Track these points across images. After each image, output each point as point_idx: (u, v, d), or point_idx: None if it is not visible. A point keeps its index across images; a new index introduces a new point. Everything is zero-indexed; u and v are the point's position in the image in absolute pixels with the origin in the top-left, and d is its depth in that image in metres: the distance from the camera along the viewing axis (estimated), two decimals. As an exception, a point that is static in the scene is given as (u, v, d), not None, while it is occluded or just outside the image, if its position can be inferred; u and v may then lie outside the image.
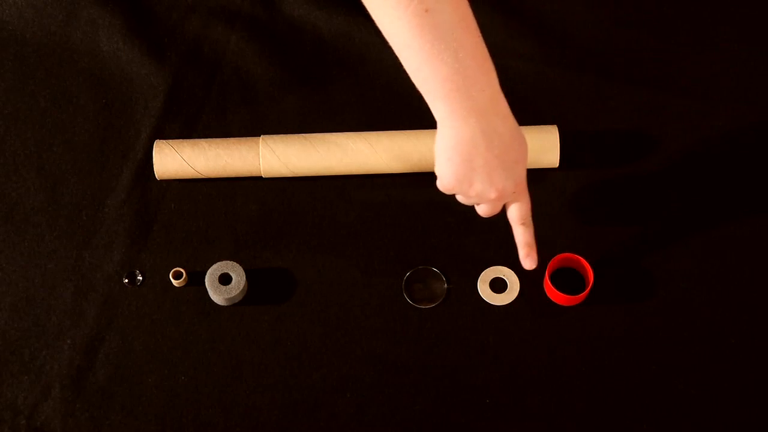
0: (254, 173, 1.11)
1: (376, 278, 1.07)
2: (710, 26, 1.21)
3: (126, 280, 1.07)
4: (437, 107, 0.91)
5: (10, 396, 1.02)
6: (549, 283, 1.05)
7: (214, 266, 1.06)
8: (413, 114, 1.10)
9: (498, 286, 1.07)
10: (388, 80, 1.17)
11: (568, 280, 1.07)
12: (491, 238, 1.08)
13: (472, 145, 0.91)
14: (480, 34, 0.89)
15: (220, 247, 1.09)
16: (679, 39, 1.21)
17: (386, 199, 1.11)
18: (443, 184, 0.96)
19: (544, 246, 1.07)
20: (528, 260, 1.02)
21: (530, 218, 1.01)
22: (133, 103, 1.17)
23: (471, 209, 1.03)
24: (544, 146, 1.10)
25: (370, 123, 1.15)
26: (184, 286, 1.07)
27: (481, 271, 1.07)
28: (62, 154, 1.14)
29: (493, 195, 0.95)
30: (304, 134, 1.11)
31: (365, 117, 1.16)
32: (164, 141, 1.11)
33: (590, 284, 1.04)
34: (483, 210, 1.00)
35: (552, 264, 1.05)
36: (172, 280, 1.06)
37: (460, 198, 0.99)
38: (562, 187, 1.11)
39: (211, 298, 1.06)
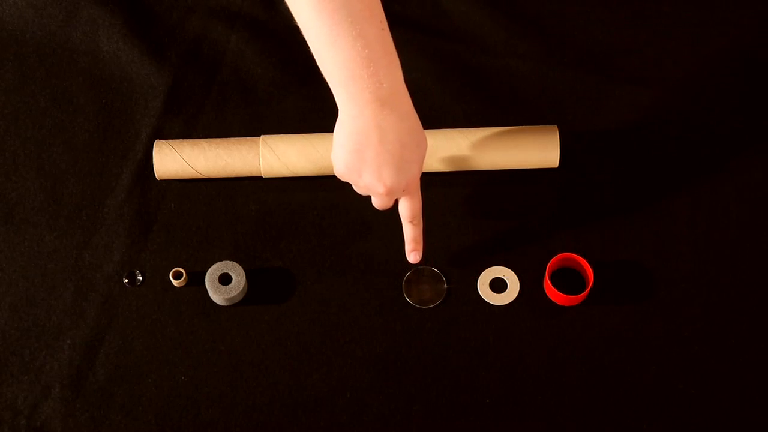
0: (254, 173, 1.11)
1: (376, 278, 1.07)
2: (710, 27, 1.21)
3: (126, 280, 1.07)
4: (337, 93, 0.90)
5: (10, 396, 1.02)
6: (549, 283, 1.05)
7: (214, 266, 1.06)
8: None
9: (498, 286, 1.07)
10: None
11: (568, 280, 1.07)
12: (491, 238, 1.08)
13: (364, 137, 0.90)
14: (386, 27, 0.87)
15: (220, 247, 1.09)
16: (679, 39, 1.21)
17: (386, 199, 1.11)
18: (335, 169, 0.96)
19: (544, 246, 1.08)
20: (413, 255, 1.04)
21: (419, 217, 1.01)
22: (133, 103, 1.17)
23: (471, 210, 1.03)
24: (544, 146, 1.10)
25: (370, 123, 1.15)
26: (184, 286, 1.07)
27: (481, 271, 1.07)
28: (62, 154, 1.14)
29: (381, 189, 0.95)
30: (304, 134, 1.11)
31: (365, 117, 1.16)
32: (164, 141, 1.11)
33: (590, 284, 1.04)
34: (375, 202, 1.00)
35: (552, 264, 1.05)
36: (172, 280, 1.06)
37: (354, 187, 0.99)
38: (562, 187, 1.11)
39: (211, 298, 1.06)
